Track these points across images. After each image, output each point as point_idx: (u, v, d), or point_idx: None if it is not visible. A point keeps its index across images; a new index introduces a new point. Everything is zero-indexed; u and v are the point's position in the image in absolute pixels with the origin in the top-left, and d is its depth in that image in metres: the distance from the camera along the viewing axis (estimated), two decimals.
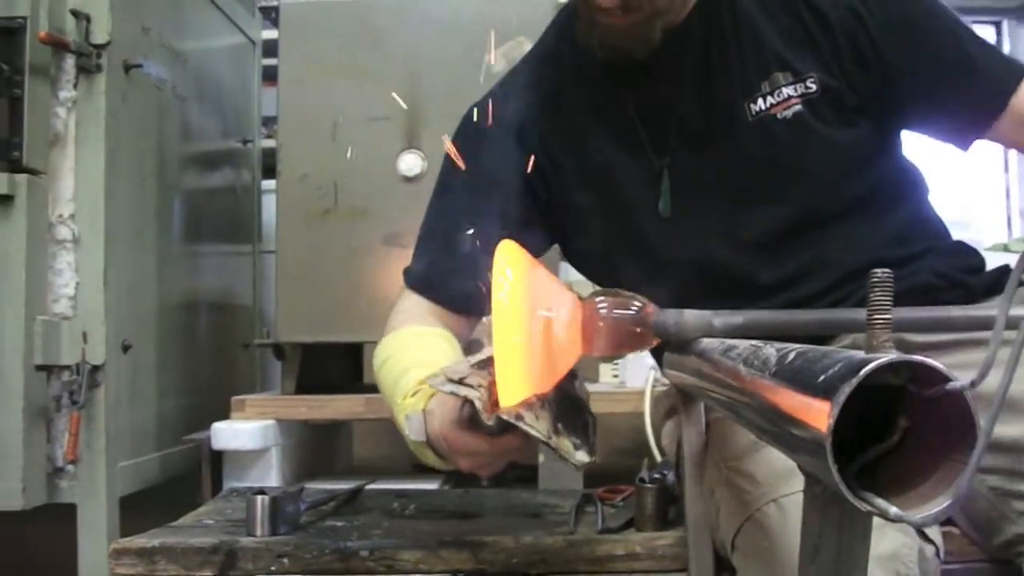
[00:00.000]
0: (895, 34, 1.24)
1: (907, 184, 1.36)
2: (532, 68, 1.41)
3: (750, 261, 1.28)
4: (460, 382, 1.02)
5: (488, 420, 0.98)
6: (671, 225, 1.31)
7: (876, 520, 0.96)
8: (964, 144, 1.28)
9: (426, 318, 1.38)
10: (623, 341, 1.03)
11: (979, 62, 1.25)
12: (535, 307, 0.95)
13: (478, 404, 0.99)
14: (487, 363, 1.02)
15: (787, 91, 1.26)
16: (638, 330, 1.02)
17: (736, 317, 0.98)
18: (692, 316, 1.00)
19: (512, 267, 0.94)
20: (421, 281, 1.41)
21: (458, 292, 1.34)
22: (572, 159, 1.35)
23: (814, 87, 1.25)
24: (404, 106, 2.05)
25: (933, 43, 1.24)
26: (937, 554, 1.03)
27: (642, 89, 1.32)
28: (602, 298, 1.04)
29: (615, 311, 1.02)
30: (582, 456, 1.03)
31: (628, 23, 1.21)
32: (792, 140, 1.26)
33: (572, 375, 1.10)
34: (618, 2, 1.18)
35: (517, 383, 0.92)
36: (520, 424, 0.96)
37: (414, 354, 1.28)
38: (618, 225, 1.34)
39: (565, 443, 1.02)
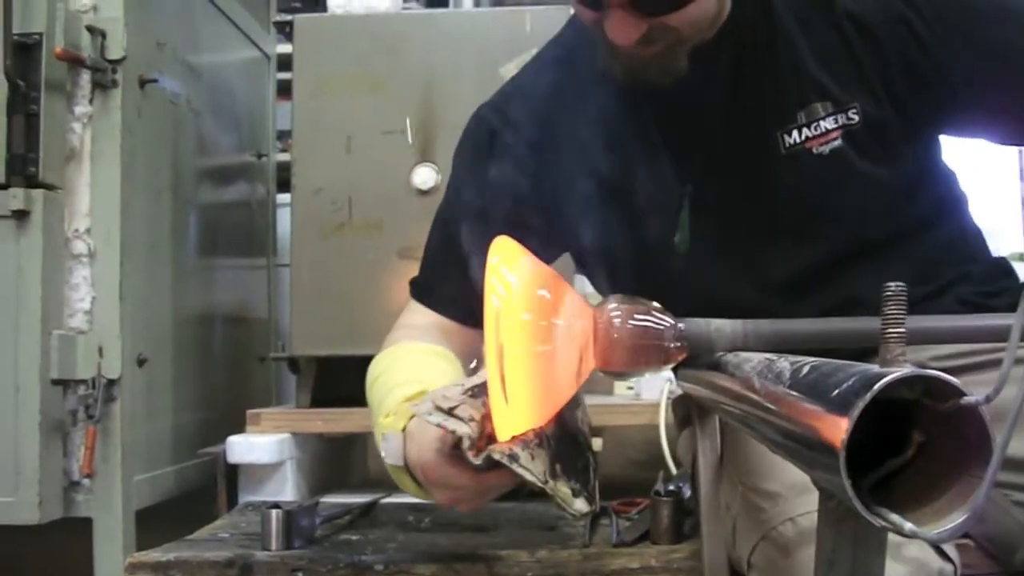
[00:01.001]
0: (952, 35, 1.12)
1: (946, 204, 1.28)
2: (545, 73, 1.31)
3: (772, 303, 1.18)
4: (449, 412, 0.90)
5: (475, 459, 0.88)
6: (688, 261, 1.21)
7: (894, 541, 0.96)
8: None
9: (431, 332, 1.31)
10: (643, 356, 0.88)
11: None
12: (537, 316, 0.82)
13: (466, 442, 0.88)
14: (483, 389, 0.89)
15: (826, 124, 1.15)
16: (662, 343, 0.88)
17: (769, 326, 0.89)
18: (724, 327, 0.89)
19: (509, 267, 0.83)
20: (427, 292, 1.35)
21: (467, 302, 1.22)
22: (584, 174, 1.25)
23: (856, 118, 1.15)
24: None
25: (999, 38, 1.12)
26: (955, 573, 1.02)
27: (665, 108, 1.21)
28: (617, 305, 0.89)
29: (634, 321, 0.88)
30: (581, 505, 0.93)
31: (651, 53, 1.11)
32: (828, 178, 1.16)
33: (575, 402, 0.98)
34: (634, 40, 1.08)
35: (515, 414, 0.80)
36: (514, 466, 0.86)
37: (406, 372, 1.19)
38: (629, 254, 1.24)
39: (563, 488, 0.92)
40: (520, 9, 2.13)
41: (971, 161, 1.29)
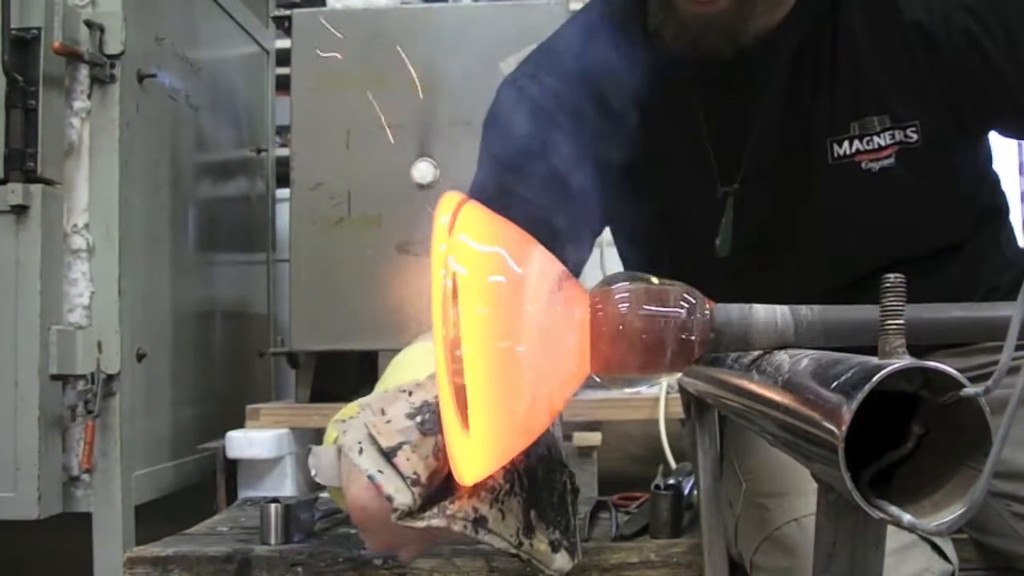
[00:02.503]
0: (1017, 46, 1.03)
1: (987, 215, 1.24)
2: (586, 40, 1.17)
3: None
4: (388, 456, 0.66)
5: (418, 523, 0.65)
6: (727, 267, 1.13)
7: (898, 543, 0.96)
8: None
9: None
10: (658, 355, 0.67)
11: None
12: (511, 302, 0.61)
13: (395, 515, 0.65)
14: (436, 413, 0.66)
15: (880, 140, 1.08)
16: (682, 337, 0.67)
17: (835, 313, 0.72)
18: (766, 315, 0.70)
19: (468, 232, 0.60)
20: None
21: None
22: (625, 158, 1.14)
23: (915, 136, 1.07)
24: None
25: None
26: (953, 574, 1.01)
27: (715, 98, 1.12)
28: (623, 284, 0.68)
29: (647, 308, 0.67)
30: (562, 562, 0.74)
31: (715, 11, 1.00)
32: (873, 196, 1.09)
33: None
34: None
35: (478, 450, 0.59)
36: (480, 534, 0.66)
37: (398, 376, 0.94)
38: (665, 250, 1.17)
39: (540, 545, 0.72)
40: (520, 3, 2.12)
41: None
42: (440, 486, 0.66)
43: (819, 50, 1.09)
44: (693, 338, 0.67)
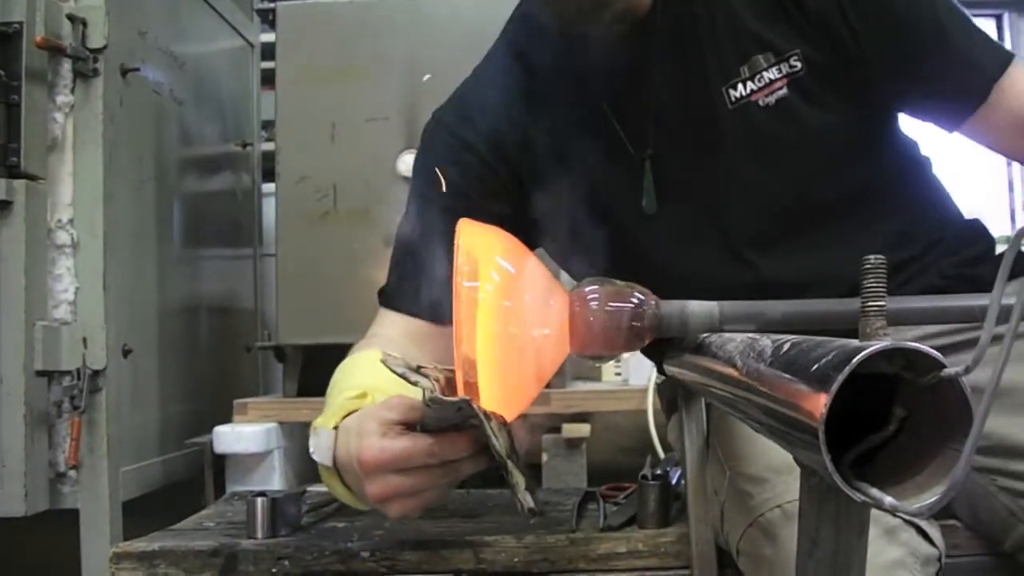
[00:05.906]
0: (874, 24, 1.14)
1: (907, 167, 1.29)
2: (500, 67, 1.34)
3: (744, 265, 1.22)
4: (419, 370, 0.89)
5: (448, 399, 0.82)
6: (658, 224, 1.24)
7: (883, 527, 0.96)
8: (949, 128, 1.20)
9: (398, 342, 1.24)
10: (619, 339, 0.91)
11: (963, 51, 1.15)
12: (511, 299, 0.85)
13: (427, 394, 0.84)
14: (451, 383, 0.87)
15: (769, 75, 1.17)
16: (637, 325, 0.91)
17: (744, 307, 0.90)
18: (697, 308, 0.90)
19: (480, 249, 0.83)
20: (397, 295, 1.31)
21: (436, 300, 1.13)
22: (547, 158, 1.28)
23: (799, 65, 1.16)
24: None
25: (915, 37, 1.14)
26: (939, 559, 1.02)
27: (613, 78, 1.23)
28: (594, 287, 0.92)
29: (612, 304, 0.91)
30: (532, 502, 0.89)
31: None
32: (777, 128, 1.18)
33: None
34: None
35: (497, 391, 0.82)
36: (488, 427, 0.82)
37: (355, 379, 1.13)
38: (600, 227, 1.23)
39: (517, 475, 0.87)
40: None
41: (959, 144, 1.27)
42: None
43: (695, 14, 1.19)
44: (642, 324, 0.91)
